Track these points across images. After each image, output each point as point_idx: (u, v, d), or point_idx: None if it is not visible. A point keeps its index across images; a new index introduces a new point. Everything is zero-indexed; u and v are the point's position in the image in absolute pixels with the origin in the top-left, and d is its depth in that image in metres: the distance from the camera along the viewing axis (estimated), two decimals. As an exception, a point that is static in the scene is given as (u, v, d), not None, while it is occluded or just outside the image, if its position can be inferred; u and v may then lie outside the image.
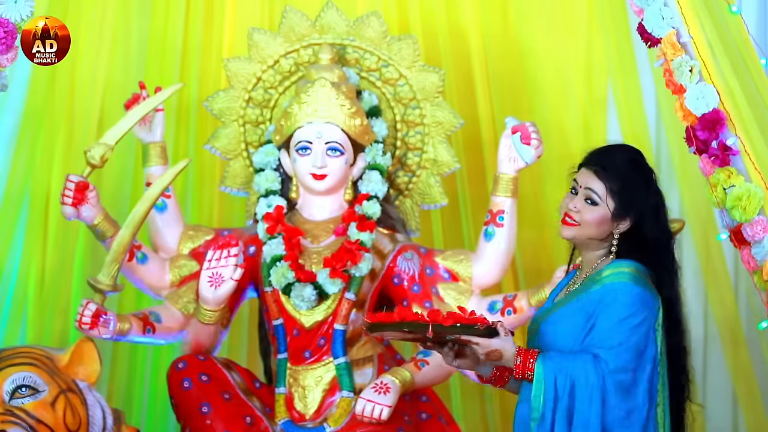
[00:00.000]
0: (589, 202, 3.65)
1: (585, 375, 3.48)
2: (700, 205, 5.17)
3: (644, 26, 4.32)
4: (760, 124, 4.30)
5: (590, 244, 3.68)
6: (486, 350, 3.50)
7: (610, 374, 3.48)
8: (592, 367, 3.48)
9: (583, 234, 3.66)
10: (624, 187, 3.65)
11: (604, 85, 5.45)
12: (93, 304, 4.47)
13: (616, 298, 3.55)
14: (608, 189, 3.64)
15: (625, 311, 3.53)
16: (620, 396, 3.49)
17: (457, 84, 5.31)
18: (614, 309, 3.53)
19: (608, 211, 3.64)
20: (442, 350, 3.57)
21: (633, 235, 3.65)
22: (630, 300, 3.54)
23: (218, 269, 4.45)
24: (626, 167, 3.68)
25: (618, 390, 3.49)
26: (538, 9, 5.45)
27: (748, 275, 4.54)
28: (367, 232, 4.67)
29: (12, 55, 4.26)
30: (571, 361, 3.50)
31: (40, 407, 4.29)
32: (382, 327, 3.51)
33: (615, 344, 3.50)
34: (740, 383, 5.19)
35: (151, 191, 4.53)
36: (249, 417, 4.56)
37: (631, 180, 3.66)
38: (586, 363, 3.49)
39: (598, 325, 3.54)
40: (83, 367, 4.43)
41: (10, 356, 4.39)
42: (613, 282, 3.57)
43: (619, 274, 3.58)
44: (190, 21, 5.40)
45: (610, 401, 3.49)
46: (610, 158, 3.70)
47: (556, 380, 3.49)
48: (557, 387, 3.49)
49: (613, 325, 3.52)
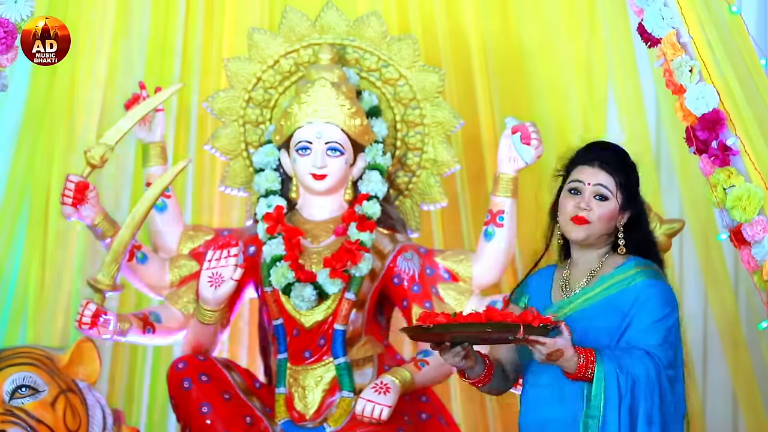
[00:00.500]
0: (599, 198, 3.68)
1: (646, 372, 3.51)
2: (700, 205, 5.17)
3: (644, 26, 4.32)
4: (760, 124, 4.30)
5: (597, 242, 3.69)
6: (550, 350, 3.48)
7: (664, 369, 3.53)
8: (651, 364, 3.52)
9: (595, 232, 3.68)
10: (628, 178, 3.71)
11: (604, 85, 5.44)
12: (93, 304, 4.47)
13: (651, 297, 3.59)
14: (617, 182, 3.68)
15: (662, 311, 3.58)
16: (670, 391, 3.55)
17: (457, 84, 5.31)
18: (651, 308, 3.58)
19: (617, 204, 3.68)
20: (453, 350, 3.53)
21: (632, 228, 3.70)
22: (665, 299, 3.60)
23: (218, 269, 4.45)
24: (626, 160, 3.75)
25: (669, 385, 3.55)
26: (538, 9, 5.45)
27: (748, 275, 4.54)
28: (367, 232, 4.67)
29: (12, 55, 4.26)
30: (629, 359, 3.52)
31: (40, 407, 4.29)
32: (461, 327, 3.43)
33: (660, 342, 3.55)
34: (740, 383, 5.19)
35: (151, 191, 4.53)
36: (249, 417, 4.56)
37: (632, 172, 3.73)
38: (643, 359, 3.52)
39: (636, 323, 3.58)
40: (83, 367, 4.43)
41: (10, 356, 4.39)
42: (643, 281, 3.61)
43: (642, 273, 3.63)
44: (190, 21, 5.40)
45: (666, 396, 3.54)
46: (610, 152, 3.74)
47: (618, 378, 3.50)
48: (620, 385, 3.50)
49: (651, 324, 3.57)
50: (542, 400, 3.63)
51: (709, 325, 5.29)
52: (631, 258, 3.68)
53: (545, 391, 3.62)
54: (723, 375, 5.24)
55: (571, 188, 3.71)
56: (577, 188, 3.70)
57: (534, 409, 3.66)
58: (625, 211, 3.69)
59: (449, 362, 3.56)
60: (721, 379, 5.26)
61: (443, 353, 3.55)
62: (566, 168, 3.76)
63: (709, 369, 5.31)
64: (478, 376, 3.64)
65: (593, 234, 3.68)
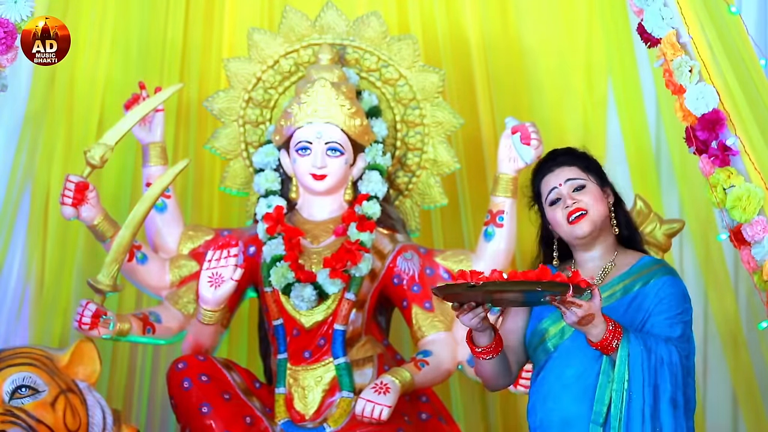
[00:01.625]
0: (577, 189, 3.76)
1: (669, 355, 3.56)
2: (700, 205, 5.17)
3: (644, 26, 4.32)
4: (760, 124, 4.30)
5: (601, 234, 3.74)
6: (586, 312, 3.47)
7: (684, 359, 3.59)
8: (675, 350, 3.57)
9: (597, 218, 3.73)
10: (589, 161, 3.82)
11: (604, 85, 5.45)
12: (93, 304, 4.47)
13: (669, 293, 3.66)
14: (582, 168, 3.78)
15: (681, 306, 3.65)
16: (687, 382, 3.60)
17: (457, 84, 5.31)
18: (671, 303, 3.65)
19: (596, 184, 3.77)
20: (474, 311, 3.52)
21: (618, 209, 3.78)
22: (683, 295, 3.68)
23: (218, 269, 4.45)
24: (576, 151, 3.84)
25: (687, 376, 3.60)
26: (538, 9, 5.46)
27: (747, 275, 4.54)
28: (367, 232, 4.67)
29: (12, 55, 4.26)
30: (654, 341, 3.56)
31: (40, 407, 4.29)
32: (510, 285, 3.41)
33: (679, 335, 3.61)
34: (740, 383, 5.19)
35: (150, 191, 4.53)
36: (249, 417, 4.56)
37: (588, 156, 3.84)
38: (667, 344, 3.57)
39: (656, 317, 3.63)
40: (83, 368, 4.43)
41: (10, 356, 4.39)
42: (661, 278, 3.68)
43: (660, 271, 3.71)
44: (190, 21, 5.39)
45: (689, 385, 3.60)
46: (560, 152, 3.84)
47: (643, 355, 3.53)
48: (645, 362, 3.54)
49: (672, 317, 3.63)
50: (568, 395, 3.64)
51: (709, 325, 5.29)
52: (645, 257, 3.76)
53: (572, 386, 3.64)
54: (723, 375, 5.24)
55: (550, 200, 3.78)
56: (555, 197, 3.77)
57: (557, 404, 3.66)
58: (605, 191, 3.78)
59: (466, 323, 3.56)
60: (721, 379, 5.26)
61: (461, 314, 3.54)
62: (534, 192, 3.84)
63: (709, 369, 5.31)
64: (489, 343, 3.65)
65: (596, 221, 3.73)
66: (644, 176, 5.33)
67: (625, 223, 3.80)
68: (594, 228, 3.73)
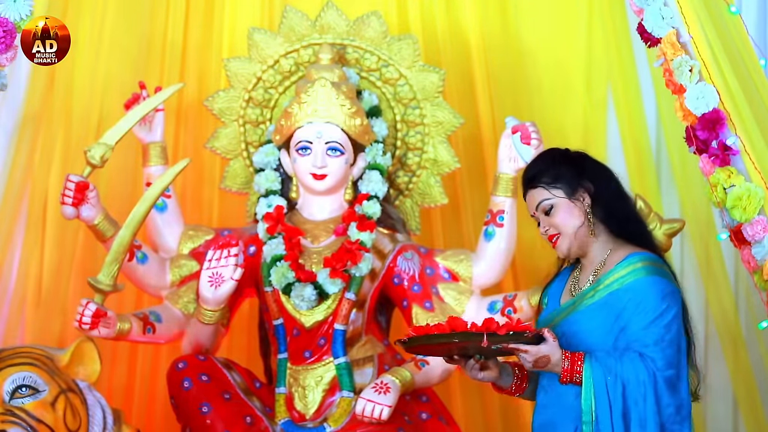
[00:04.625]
0: (547, 212, 3.68)
1: (635, 374, 3.48)
2: (700, 205, 5.17)
3: (644, 26, 4.33)
4: (760, 124, 4.30)
5: (586, 242, 3.68)
6: (535, 357, 3.49)
7: (659, 371, 3.49)
8: (642, 366, 3.48)
9: (570, 233, 3.67)
10: (551, 171, 3.68)
11: (603, 85, 5.45)
12: (93, 304, 4.46)
13: (645, 296, 3.55)
14: (548, 185, 3.67)
15: (657, 309, 3.54)
16: (670, 393, 3.51)
17: (457, 84, 5.31)
18: (645, 308, 3.54)
19: (565, 198, 3.66)
20: (467, 363, 3.56)
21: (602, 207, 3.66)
22: (660, 295, 3.56)
23: (218, 269, 4.45)
24: (545, 160, 3.73)
25: (668, 387, 3.51)
26: (538, 9, 5.46)
27: (747, 275, 4.54)
28: (367, 232, 4.67)
29: (11, 55, 4.26)
30: (619, 361, 3.49)
31: (40, 407, 4.29)
32: (427, 339, 3.47)
33: (656, 342, 3.51)
34: (739, 384, 5.19)
35: (151, 191, 4.53)
36: (249, 417, 4.56)
37: (555, 163, 3.70)
38: (634, 361, 3.49)
39: (632, 325, 3.54)
40: (83, 367, 4.43)
41: (10, 356, 4.39)
42: (637, 279, 3.57)
43: (639, 271, 3.59)
44: (190, 21, 5.39)
45: (663, 399, 3.50)
46: (530, 168, 3.75)
47: (607, 382, 3.48)
48: (608, 388, 3.48)
49: (648, 324, 3.53)
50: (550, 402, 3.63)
51: (708, 325, 5.29)
52: (634, 253, 3.65)
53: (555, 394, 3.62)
54: (722, 375, 5.24)
55: (538, 223, 3.76)
56: (537, 222, 3.74)
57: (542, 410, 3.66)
58: (578, 193, 3.67)
59: (471, 377, 3.58)
60: (721, 379, 5.25)
61: (465, 370, 3.57)
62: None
63: (708, 369, 5.30)
64: (509, 386, 3.65)
65: (571, 237, 3.67)
66: (643, 176, 5.34)
67: (616, 217, 3.67)
68: (571, 243, 3.68)
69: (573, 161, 3.72)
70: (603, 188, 3.69)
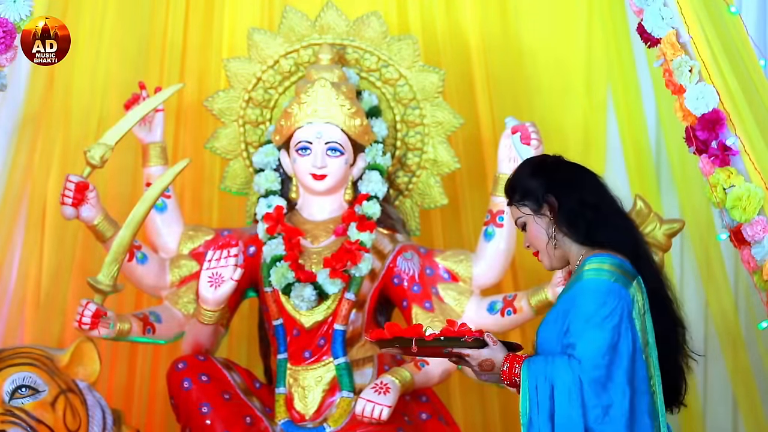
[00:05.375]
0: (523, 228, 3.65)
1: (562, 377, 3.46)
2: (699, 206, 5.17)
3: (644, 26, 4.33)
4: (760, 124, 4.30)
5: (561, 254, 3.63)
6: (477, 361, 3.51)
7: (584, 373, 3.44)
8: (568, 368, 3.46)
9: (545, 251, 3.63)
10: (520, 188, 3.63)
11: (603, 86, 5.45)
12: (93, 304, 4.46)
13: (583, 295, 3.50)
14: (516, 203, 3.63)
15: (591, 308, 3.47)
16: (596, 393, 3.45)
17: (457, 84, 5.31)
18: (581, 307, 3.49)
19: (531, 213, 3.62)
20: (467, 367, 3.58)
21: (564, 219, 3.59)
22: (595, 296, 3.49)
23: (218, 269, 4.45)
24: (515, 176, 3.67)
25: (594, 388, 3.45)
26: (538, 9, 5.46)
27: (747, 276, 4.54)
28: (367, 232, 4.67)
29: (11, 55, 4.26)
30: (551, 365, 3.48)
31: (40, 407, 4.29)
32: (388, 343, 3.53)
33: (584, 342, 3.46)
34: (739, 384, 5.19)
35: (150, 191, 4.53)
36: (249, 417, 4.56)
37: (523, 178, 3.64)
38: (562, 364, 3.47)
39: (570, 324, 3.50)
40: (83, 368, 4.43)
41: (10, 356, 4.39)
42: (579, 282, 3.53)
43: (589, 271, 3.53)
44: (190, 21, 5.39)
45: (588, 401, 3.45)
46: (505, 184, 3.69)
47: (537, 385, 3.48)
48: (538, 391, 3.48)
49: (581, 324, 3.48)
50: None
51: (708, 325, 5.29)
52: (589, 257, 3.57)
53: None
54: (722, 375, 5.24)
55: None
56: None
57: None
58: (542, 213, 3.62)
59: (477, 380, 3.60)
60: (721, 379, 5.26)
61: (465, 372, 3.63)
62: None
63: (708, 369, 5.30)
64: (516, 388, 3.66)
65: (550, 258, 3.63)
66: (643, 176, 5.34)
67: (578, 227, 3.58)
68: (550, 257, 3.64)
69: (543, 173, 3.64)
70: (566, 199, 3.60)
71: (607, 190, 3.65)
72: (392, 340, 3.51)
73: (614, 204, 3.66)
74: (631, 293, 3.51)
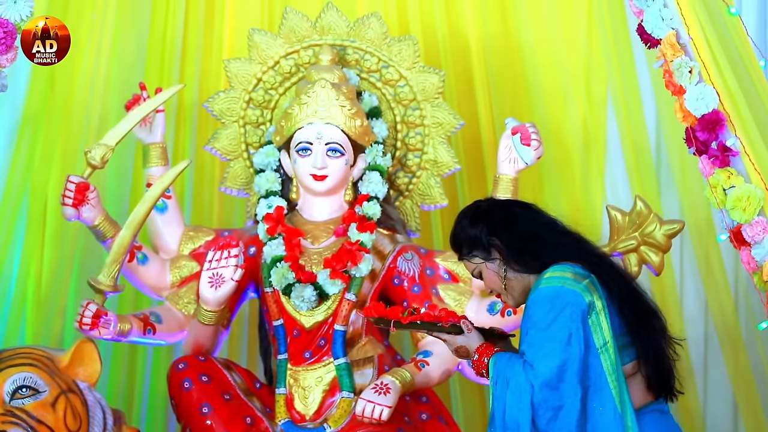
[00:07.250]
0: (479, 277, 3.73)
1: (516, 378, 3.52)
2: (699, 207, 5.17)
3: (644, 27, 4.33)
4: (760, 125, 4.31)
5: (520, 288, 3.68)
6: (453, 347, 3.63)
7: (536, 378, 3.49)
8: (522, 372, 3.52)
9: (505, 292, 3.70)
10: (465, 241, 3.72)
11: (603, 86, 5.45)
12: (93, 304, 4.46)
13: (533, 303, 3.57)
14: (466, 257, 3.73)
15: (539, 314, 3.54)
16: (547, 397, 3.49)
17: (457, 85, 5.32)
18: (531, 315, 3.56)
19: (483, 263, 3.70)
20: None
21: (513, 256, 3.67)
22: (543, 302, 3.55)
23: (218, 270, 4.45)
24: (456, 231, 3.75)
25: (544, 392, 3.49)
26: (538, 10, 5.46)
27: (746, 276, 4.55)
28: (367, 232, 4.67)
29: (12, 55, 4.26)
30: (511, 365, 3.55)
31: (40, 408, 4.29)
32: (375, 321, 3.74)
33: (535, 349, 3.51)
34: (739, 385, 5.19)
35: (151, 192, 4.53)
36: (249, 417, 4.56)
37: (464, 230, 3.73)
38: (518, 367, 3.53)
39: (522, 331, 3.58)
40: (84, 368, 4.43)
41: (10, 357, 4.38)
42: (537, 288, 3.59)
43: (541, 280, 3.59)
44: (190, 21, 5.40)
45: (539, 405, 3.50)
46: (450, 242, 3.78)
47: (498, 381, 3.55)
48: (498, 387, 3.54)
49: (531, 330, 3.54)
50: None
51: (708, 326, 5.29)
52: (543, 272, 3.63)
53: None
54: (722, 376, 5.25)
55: None
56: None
57: None
58: (492, 258, 3.68)
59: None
60: (721, 380, 5.26)
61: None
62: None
63: (708, 370, 5.31)
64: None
65: (513, 297, 3.69)
66: (643, 177, 5.34)
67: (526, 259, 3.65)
68: (513, 296, 3.70)
69: (481, 220, 3.71)
70: (508, 238, 3.68)
71: (541, 214, 3.75)
72: (377, 320, 3.70)
73: (553, 225, 3.74)
74: (582, 293, 3.55)
